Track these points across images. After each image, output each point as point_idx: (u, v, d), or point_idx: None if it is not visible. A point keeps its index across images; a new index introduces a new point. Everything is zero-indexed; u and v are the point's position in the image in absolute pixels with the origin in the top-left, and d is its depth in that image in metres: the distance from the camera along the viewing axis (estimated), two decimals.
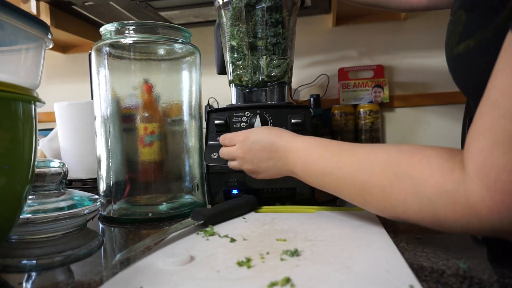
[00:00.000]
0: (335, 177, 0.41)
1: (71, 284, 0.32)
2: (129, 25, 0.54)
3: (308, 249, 0.36)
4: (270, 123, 0.58)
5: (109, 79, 0.54)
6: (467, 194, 0.29)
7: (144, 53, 0.56)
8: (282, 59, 0.62)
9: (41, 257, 0.39)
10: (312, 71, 1.19)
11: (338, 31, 1.18)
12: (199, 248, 0.38)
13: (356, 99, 1.12)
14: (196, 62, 0.59)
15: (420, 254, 0.35)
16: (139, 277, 0.31)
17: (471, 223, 0.29)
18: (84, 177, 0.85)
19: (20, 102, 0.33)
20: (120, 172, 0.55)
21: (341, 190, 0.41)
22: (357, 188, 0.38)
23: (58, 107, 0.85)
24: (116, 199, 0.55)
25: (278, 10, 0.61)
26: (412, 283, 0.28)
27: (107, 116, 0.55)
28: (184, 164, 0.58)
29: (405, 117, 1.16)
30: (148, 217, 0.53)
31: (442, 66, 1.15)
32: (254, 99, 0.64)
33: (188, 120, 0.58)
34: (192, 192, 0.59)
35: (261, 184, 0.57)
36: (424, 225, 0.34)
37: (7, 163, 0.31)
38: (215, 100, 1.21)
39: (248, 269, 0.32)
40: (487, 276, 0.30)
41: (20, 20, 0.49)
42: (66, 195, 0.48)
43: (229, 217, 0.50)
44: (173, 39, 0.56)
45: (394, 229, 0.43)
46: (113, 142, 0.55)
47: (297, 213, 0.52)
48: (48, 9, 0.99)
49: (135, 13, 1.03)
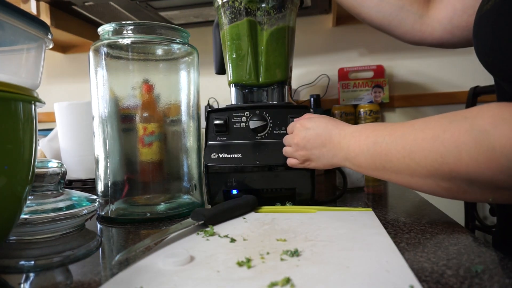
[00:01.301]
0: (386, 144, 0.41)
1: (71, 284, 0.32)
2: (127, 25, 0.54)
3: (308, 249, 0.36)
4: (270, 123, 0.58)
5: (107, 79, 0.54)
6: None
7: (142, 53, 0.56)
8: (282, 59, 0.62)
9: (39, 258, 0.39)
10: (312, 71, 1.19)
11: (338, 31, 1.18)
12: (199, 248, 0.38)
13: (356, 99, 1.12)
14: (194, 62, 0.59)
15: (420, 254, 0.35)
16: (139, 277, 0.31)
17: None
18: (84, 177, 0.85)
19: (20, 102, 0.33)
20: (118, 172, 0.55)
21: (391, 157, 0.40)
22: (407, 148, 0.38)
23: (58, 107, 0.85)
24: (114, 199, 0.55)
25: (278, 10, 0.61)
26: (412, 283, 0.27)
27: (105, 116, 0.55)
28: (182, 164, 0.58)
29: (405, 117, 1.16)
30: (147, 217, 0.53)
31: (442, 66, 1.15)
32: (254, 99, 0.64)
33: (187, 120, 0.58)
34: (190, 192, 0.59)
35: (261, 184, 0.57)
36: (474, 174, 0.33)
37: (7, 163, 0.31)
38: (215, 100, 1.21)
39: (248, 269, 0.32)
40: (487, 276, 0.30)
41: (20, 20, 0.49)
42: (64, 196, 0.48)
43: (229, 217, 0.50)
44: (171, 39, 0.56)
45: (395, 229, 0.43)
46: (111, 142, 0.55)
47: (297, 213, 0.51)
48: (48, 9, 0.99)
49: (135, 13, 1.03)
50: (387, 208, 0.55)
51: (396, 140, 0.40)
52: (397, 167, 0.40)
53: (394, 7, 0.61)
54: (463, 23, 0.56)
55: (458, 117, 0.35)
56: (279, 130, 0.58)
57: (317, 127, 0.51)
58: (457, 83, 1.14)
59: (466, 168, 0.33)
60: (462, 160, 0.33)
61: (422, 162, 0.37)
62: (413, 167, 0.38)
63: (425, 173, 0.38)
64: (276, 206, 0.56)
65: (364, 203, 0.59)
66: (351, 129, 0.48)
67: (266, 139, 0.59)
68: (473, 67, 1.13)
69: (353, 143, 0.46)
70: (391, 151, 0.40)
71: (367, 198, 0.63)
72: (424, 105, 1.14)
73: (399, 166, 0.40)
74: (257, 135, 0.59)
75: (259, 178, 0.57)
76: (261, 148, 0.58)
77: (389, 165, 0.41)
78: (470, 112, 0.34)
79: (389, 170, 0.42)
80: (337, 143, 0.48)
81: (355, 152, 0.46)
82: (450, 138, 0.34)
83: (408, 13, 0.61)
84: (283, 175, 0.56)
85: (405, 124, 0.41)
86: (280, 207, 0.55)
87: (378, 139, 0.42)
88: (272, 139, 0.58)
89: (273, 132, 0.59)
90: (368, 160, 0.44)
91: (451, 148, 0.34)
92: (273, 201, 0.57)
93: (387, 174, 0.42)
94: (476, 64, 1.21)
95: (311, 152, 0.51)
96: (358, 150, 0.45)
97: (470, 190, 0.36)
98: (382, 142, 0.42)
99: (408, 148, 0.38)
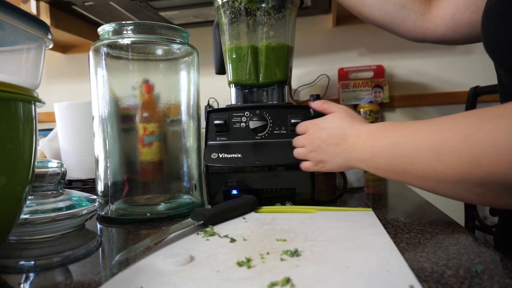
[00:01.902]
0: (408, 144, 0.37)
1: (71, 284, 0.32)
2: (127, 26, 0.54)
3: (308, 249, 0.36)
4: (270, 123, 0.58)
5: (107, 79, 0.54)
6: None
7: (142, 53, 0.56)
8: (282, 59, 0.62)
9: (39, 258, 0.39)
10: (312, 71, 1.19)
11: (338, 31, 1.18)
12: (199, 248, 0.38)
13: (356, 99, 1.12)
14: (194, 63, 0.59)
15: (420, 254, 0.35)
16: (139, 277, 0.31)
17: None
18: (84, 177, 0.85)
19: (20, 102, 0.33)
20: (118, 172, 0.55)
21: (414, 160, 0.36)
22: (433, 149, 0.34)
23: (58, 107, 0.85)
24: (114, 199, 0.55)
25: (278, 10, 0.61)
26: (412, 283, 0.27)
27: (105, 116, 0.55)
28: (182, 164, 0.58)
29: (405, 117, 1.16)
30: (147, 217, 0.53)
31: (443, 66, 1.15)
32: (254, 99, 0.64)
33: (187, 120, 0.58)
34: (190, 192, 0.59)
35: (261, 184, 0.57)
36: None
37: (7, 163, 0.31)
38: (215, 100, 1.21)
39: (248, 269, 0.32)
40: (487, 276, 0.30)
41: (20, 20, 0.49)
42: (64, 196, 0.48)
43: (229, 217, 0.50)
44: (171, 39, 0.56)
45: (395, 229, 0.43)
46: (111, 142, 0.55)
47: (297, 213, 0.51)
48: (48, 9, 0.99)
49: (135, 13, 1.03)
50: (387, 208, 0.55)
51: (420, 140, 0.36)
52: (422, 170, 0.36)
53: (396, 5, 0.61)
54: (466, 19, 0.56)
55: (489, 114, 0.31)
56: (279, 130, 0.58)
57: (331, 127, 0.48)
58: (457, 83, 1.14)
59: (504, 170, 0.30)
60: (500, 161, 0.30)
61: (452, 164, 0.33)
62: (441, 170, 0.34)
63: (456, 177, 0.34)
64: (276, 206, 0.56)
65: (364, 203, 0.59)
66: (367, 128, 0.44)
67: (266, 139, 0.59)
68: (473, 67, 1.13)
69: (370, 143, 0.42)
70: (415, 152, 0.36)
71: (367, 198, 0.63)
72: (424, 105, 1.14)
73: (424, 169, 0.36)
74: (257, 135, 0.59)
75: (259, 178, 0.57)
76: (261, 148, 0.58)
77: (411, 168, 0.37)
78: (504, 109, 0.31)
79: (411, 174, 0.38)
80: (351, 143, 0.45)
81: (372, 153, 0.42)
82: (485, 138, 0.30)
83: (410, 11, 0.61)
84: (283, 175, 0.56)
85: (428, 122, 0.37)
86: (280, 207, 0.55)
87: (399, 139, 0.38)
88: (272, 139, 0.58)
89: (273, 132, 0.59)
90: (387, 162, 0.40)
91: (487, 148, 0.30)
92: (273, 201, 0.57)
93: (408, 178, 0.39)
94: (476, 64, 1.21)
95: (324, 153, 0.48)
96: (375, 151, 0.41)
97: (507, 195, 0.32)
98: (403, 142, 0.38)
99: (436, 149, 0.34)
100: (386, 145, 0.40)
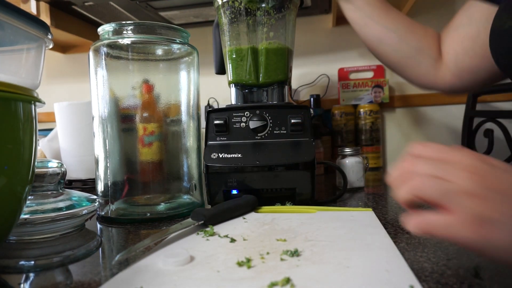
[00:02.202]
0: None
1: (71, 284, 0.32)
2: (127, 26, 0.54)
3: (308, 249, 0.36)
4: (270, 123, 0.58)
5: (107, 79, 0.54)
6: None
7: (142, 53, 0.56)
8: (282, 59, 0.62)
9: (39, 258, 0.39)
10: (312, 71, 1.19)
11: (338, 31, 1.18)
12: (199, 248, 0.38)
13: (356, 99, 1.12)
14: (194, 62, 0.59)
15: (420, 254, 0.35)
16: (139, 277, 0.31)
17: None
18: (84, 177, 0.85)
19: (20, 102, 0.33)
20: (118, 172, 0.55)
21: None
22: None
23: (58, 107, 0.85)
24: (114, 199, 0.55)
25: (278, 10, 0.61)
26: (412, 283, 0.27)
27: (105, 116, 0.55)
28: (182, 164, 0.58)
29: (405, 117, 1.16)
30: (147, 217, 0.53)
31: None
32: (254, 99, 0.64)
33: (187, 120, 0.58)
34: (190, 192, 0.59)
35: (261, 184, 0.57)
36: None
37: (7, 163, 0.31)
38: (215, 100, 1.21)
39: (248, 269, 0.32)
40: (487, 276, 0.30)
41: (20, 20, 0.49)
42: (64, 196, 0.48)
43: (229, 217, 0.50)
44: (171, 39, 0.56)
45: (395, 229, 0.43)
46: (111, 142, 0.55)
47: (297, 213, 0.51)
48: (48, 9, 0.99)
49: (135, 13, 1.03)
50: (387, 208, 0.55)
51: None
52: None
53: (413, 48, 0.59)
54: (466, 66, 0.55)
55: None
56: (279, 130, 0.59)
57: (508, 168, 0.27)
58: None
59: None
60: None
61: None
62: None
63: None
64: (276, 206, 0.56)
65: (364, 203, 0.59)
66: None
67: (266, 139, 0.59)
68: None
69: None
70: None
71: (367, 198, 0.63)
72: (424, 105, 1.14)
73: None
74: (257, 135, 0.59)
75: (259, 178, 0.57)
76: (261, 148, 0.58)
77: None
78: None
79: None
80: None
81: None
82: None
83: (425, 56, 0.59)
84: (283, 175, 0.56)
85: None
86: (280, 207, 0.55)
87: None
88: (272, 139, 0.58)
89: (273, 132, 0.59)
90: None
91: None
92: (273, 201, 0.57)
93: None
94: None
95: (499, 209, 0.25)
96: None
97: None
98: None
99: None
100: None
